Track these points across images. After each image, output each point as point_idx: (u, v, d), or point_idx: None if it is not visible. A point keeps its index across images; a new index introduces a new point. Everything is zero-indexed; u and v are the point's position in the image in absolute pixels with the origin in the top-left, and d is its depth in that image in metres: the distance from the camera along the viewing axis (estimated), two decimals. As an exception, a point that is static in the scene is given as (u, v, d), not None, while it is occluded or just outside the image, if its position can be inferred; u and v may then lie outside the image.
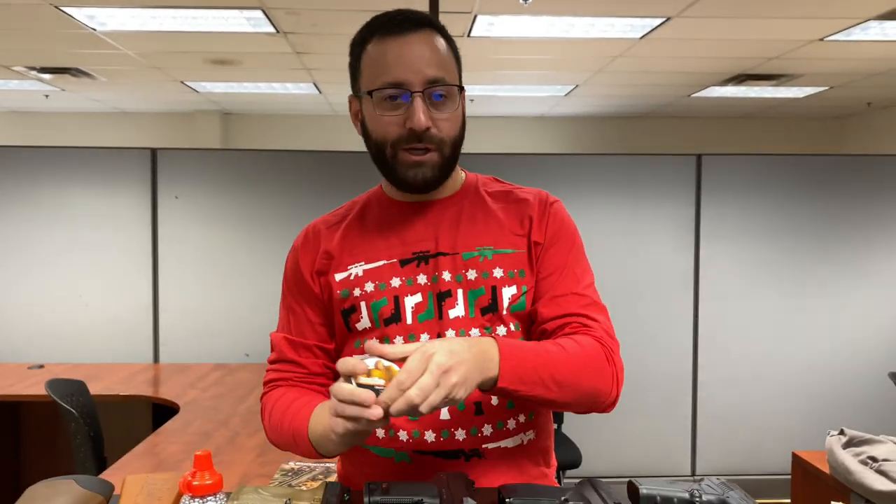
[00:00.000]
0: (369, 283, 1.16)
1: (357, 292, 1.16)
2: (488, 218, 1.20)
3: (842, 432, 2.00)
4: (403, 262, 1.17)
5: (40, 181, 3.77)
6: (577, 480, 1.11)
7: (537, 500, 1.01)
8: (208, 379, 3.30)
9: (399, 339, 1.14)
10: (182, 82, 6.62)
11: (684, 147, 8.27)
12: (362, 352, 1.16)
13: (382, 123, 1.12)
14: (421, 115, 1.09)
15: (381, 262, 1.17)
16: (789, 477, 2.40)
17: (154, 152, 3.80)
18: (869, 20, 4.36)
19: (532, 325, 1.18)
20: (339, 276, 1.18)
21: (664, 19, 4.39)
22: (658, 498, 1.00)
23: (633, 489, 1.03)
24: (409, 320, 1.14)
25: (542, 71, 6.08)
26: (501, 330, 1.15)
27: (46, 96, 7.34)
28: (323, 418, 1.05)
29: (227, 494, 1.01)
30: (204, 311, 3.78)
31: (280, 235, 3.77)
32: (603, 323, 1.15)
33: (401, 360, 0.95)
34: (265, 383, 1.24)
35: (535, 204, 1.21)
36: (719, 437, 3.87)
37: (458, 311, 1.14)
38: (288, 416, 1.14)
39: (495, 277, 1.15)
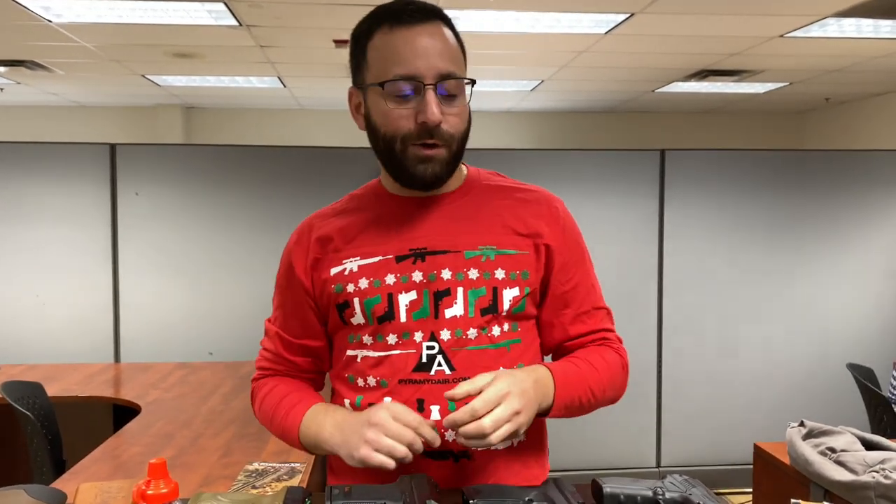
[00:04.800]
0: (363, 279, 1.14)
1: (351, 288, 1.15)
2: (492, 216, 1.18)
3: (802, 424, 2.03)
4: (399, 259, 1.15)
5: (-6, 177, 3.67)
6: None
7: (501, 501, 1.00)
8: (171, 378, 3.24)
9: (392, 337, 1.13)
10: (143, 76, 6.48)
11: (648, 142, 8.37)
12: (357, 346, 1.16)
13: (393, 117, 1.09)
14: (434, 109, 1.06)
15: (376, 258, 1.15)
16: (751, 467, 2.44)
17: (113, 147, 3.71)
18: (827, 17, 4.44)
19: (551, 330, 1.22)
20: (333, 270, 1.17)
21: (628, 15, 4.42)
22: (622, 496, 1.00)
23: (596, 487, 1.03)
24: (402, 318, 1.13)
25: (508, 66, 6.09)
26: (496, 330, 1.14)
27: (1, 89, 7.14)
28: (319, 424, 1.12)
29: (184, 501, 0.98)
30: (166, 309, 3.72)
31: (243, 232, 3.73)
32: (615, 331, 1.26)
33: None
34: (258, 368, 1.28)
35: (544, 205, 1.22)
36: (684, 430, 3.92)
37: (456, 310, 1.13)
38: (280, 411, 1.17)
39: (497, 278, 1.14)
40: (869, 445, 1.86)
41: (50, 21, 4.58)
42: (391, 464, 1.00)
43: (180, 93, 7.47)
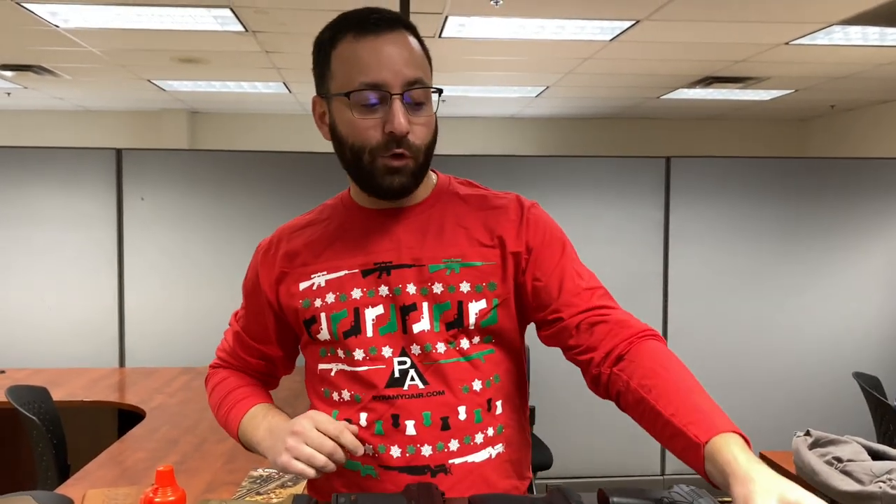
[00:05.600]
0: (330, 293, 1.13)
1: (318, 303, 1.13)
2: (457, 228, 1.15)
3: (808, 433, 2.02)
4: (365, 273, 1.13)
5: (2, 181, 3.68)
6: (548, 482, 1.10)
7: (508, 511, 1.00)
8: (175, 383, 3.25)
9: (359, 352, 1.11)
10: (149, 80, 6.51)
11: (653, 148, 8.36)
12: (330, 360, 1.15)
13: (360, 128, 1.07)
14: (401, 119, 1.04)
15: (342, 273, 1.13)
16: (756, 476, 2.44)
17: (119, 153, 3.72)
18: (833, 25, 4.44)
19: (547, 329, 1.13)
20: (302, 286, 1.15)
21: (633, 22, 4.42)
22: (628, 507, 0.99)
23: (602, 497, 1.03)
24: (369, 332, 1.11)
25: (513, 72, 6.09)
26: (465, 343, 1.12)
27: (8, 94, 7.18)
28: (254, 426, 1.15)
29: (191, 509, 0.98)
30: (170, 313, 3.72)
31: (248, 237, 3.71)
32: (617, 308, 1.15)
33: None
34: (217, 354, 1.33)
35: (511, 212, 1.16)
36: (688, 437, 3.90)
37: (423, 324, 1.11)
38: (226, 405, 1.22)
39: (462, 292, 1.11)
40: (875, 455, 1.85)
41: (57, 26, 4.61)
42: (310, 472, 1.02)
43: (186, 98, 7.49)
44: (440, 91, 1.11)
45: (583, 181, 3.89)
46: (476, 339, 1.13)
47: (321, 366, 1.16)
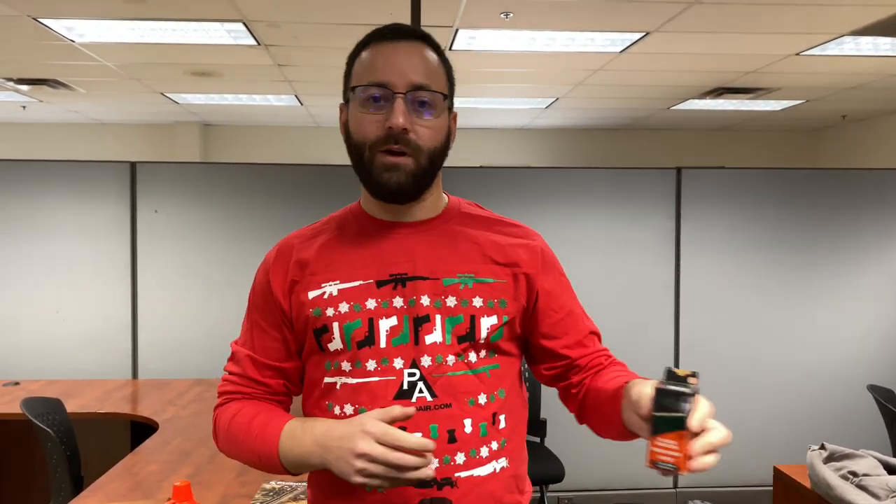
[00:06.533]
0: (344, 303, 1.13)
1: (330, 312, 1.13)
2: (470, 245, 1.17)
3: (822, 447, 2.01)
4: (380, 284, 1.13)
5: (18, 194, 3.72)
6: (560, 495, 1.10)
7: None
8: (188, 395, 3.26)
9: (372, 363, 1.12)
10: (162, 94, 6.57)
11: (663, 158, 8.36)
12: (334, 373, 1.14)
13: (363, 123, 1.11)
14: (399, 116, 1.08)
15: (356, 283, 1.14)
16: (771, 489, 2.42)
17: (133, 166, 3.76)
18: (843, 35, 4.43)
19: (550, 356, 1.22)
20: (312, 294, 1.15)
21: (643, 34, 4.43)
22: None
23: None
24: (382, 343, 1.12)
25: (523, 84, 6.11)
26: (473, 357, 1.13)
27: (24, 108, 7.26)
28: (301, 440, 1.07)
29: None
30: (183, 325, 3.74)
31: (260, 249, 3.72)
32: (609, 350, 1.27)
33: None
34: (221, 394, 1.22)
35: (522, 237, 1.21)
36: (701, 450, 3.87)
37: (435, 336, 1.12)
38: (253, 433, 1.12)
39: (474, 306, 1.13)
40: (891, 469, 1.84)
41: (73, 41, 4.67)
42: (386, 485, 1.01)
43: (199, 110, 7.56)
44: (446, 96, 1.14)
45: (594, 192, 3.89)
46: (483, 353, 1.14)
47: (327, 379, 1.15)
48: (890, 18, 4.05)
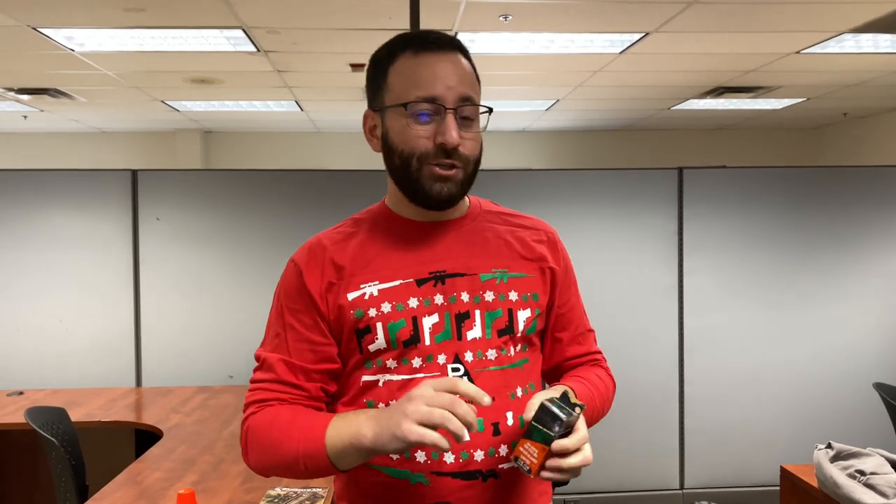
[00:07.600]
0: (386, 303, 1.14)
1: (373, 312, 1.13)
2: (499, 241, 1.22)
3: (829, 446, 2.00)
4: (420, 282, 1.15)
5: (20, 204, 3.72)
6: (566, 497, 1.11)
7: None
8: (192, 402, 3.26)
9: (417, 361, 1.13)
10: (162, 101, 6.59)
11: (665, 159, 8.35)
12: (376, 371, 1.13)
13: (411, 136, 1.12)
14: (454, 132, 1.10)
15: (396, 282, 1.15)
16: (778, 489, 2.41)
17: (135, 174, 3.76)
18: (843, 33, 4.43)
19: (550, 350, 1.28)
20: (351, 296, 1.14)
21: (643, 34, 4.43)
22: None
23: None
24: (427, 341, 1.13)
25: (523, 86, 6.12)
26: (511, 350, 1.17)
27: (25, 117, 7.28)
28: (352, 419, 1.04)
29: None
30: (186, 333, 3.74)
31: (263, 255, 3.75)
32: (601, 352, 1.33)
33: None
34: (251, 403, 1.15)
35: (542, 232, 1.27)
36: (707, 451, 3.87)
37: (475, 332, 1.14)
38: (295, 432, 1.07)
39: (511, 300, 1.17)
40: (899, 468, 1.83)
41: (73, 50, 4.68)
42: (442, 442, 0.94)
43: (199, 118, 7.57)
44: (490, 110, 1.18)
45: (595, 194, 3.88)
46: (518, 347, 1.18)
47: (366, 377, 1.15)
48: (890, 15, 4.05)
